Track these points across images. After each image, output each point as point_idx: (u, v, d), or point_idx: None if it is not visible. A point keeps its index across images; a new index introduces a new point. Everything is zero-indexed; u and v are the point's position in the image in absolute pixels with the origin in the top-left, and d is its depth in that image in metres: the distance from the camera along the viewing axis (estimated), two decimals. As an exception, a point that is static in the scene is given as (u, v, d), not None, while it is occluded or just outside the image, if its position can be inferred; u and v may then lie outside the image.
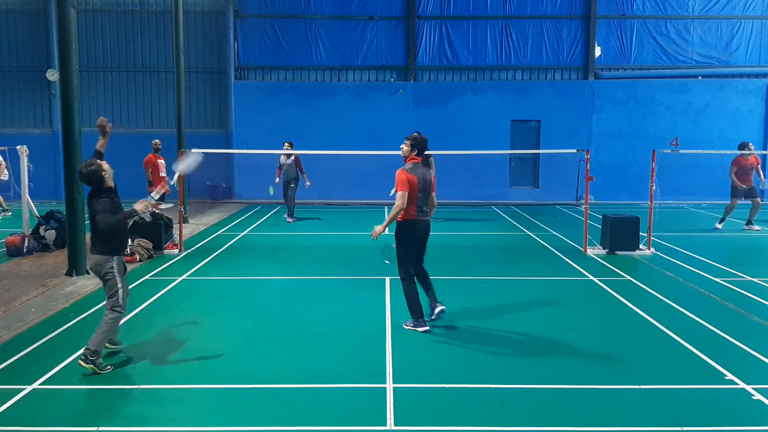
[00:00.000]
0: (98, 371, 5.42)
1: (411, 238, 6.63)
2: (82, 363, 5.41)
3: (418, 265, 6.80)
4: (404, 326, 6.82)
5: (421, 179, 6.55)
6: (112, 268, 5.58)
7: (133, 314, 7.34)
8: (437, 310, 6.70)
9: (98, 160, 5.66)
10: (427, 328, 6.70)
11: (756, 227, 13.64)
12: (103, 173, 5.55)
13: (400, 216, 6.53)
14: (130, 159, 17.49)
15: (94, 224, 5.52)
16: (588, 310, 7.66)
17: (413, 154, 6.65)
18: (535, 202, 19.18)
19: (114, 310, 5.60)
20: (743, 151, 13.49)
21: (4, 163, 15.52)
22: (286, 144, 14.81)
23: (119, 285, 5.61)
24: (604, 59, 20.29)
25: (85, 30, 19.92)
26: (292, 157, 14.99)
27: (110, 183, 5.61)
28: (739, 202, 13.84)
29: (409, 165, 6.62)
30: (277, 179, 15.14)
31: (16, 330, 6.72)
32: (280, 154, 15.13)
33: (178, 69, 14.69)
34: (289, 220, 15.38)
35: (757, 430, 4.55)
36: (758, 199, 13.77)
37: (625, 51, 20.32)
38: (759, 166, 13.98)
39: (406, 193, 6.44)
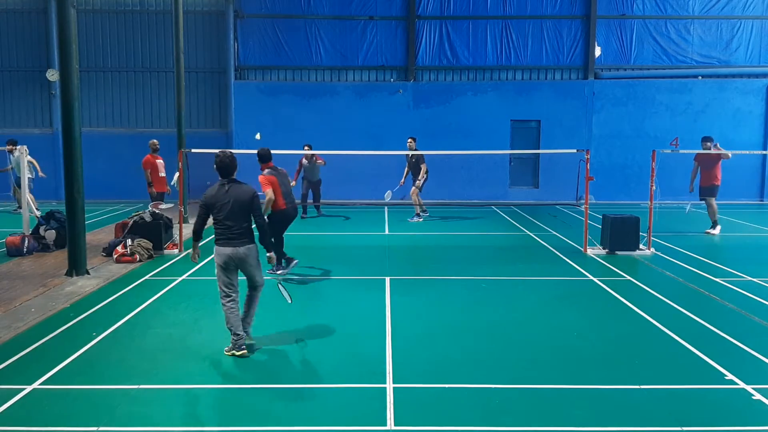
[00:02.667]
0: (235, 353, 5.96)
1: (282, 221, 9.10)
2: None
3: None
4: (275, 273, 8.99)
5: (281, 178, 9.00)
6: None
7: (133, 314, 7.36)
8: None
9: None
10: (296, 261, 9.44)
11: (713, 231, 13.22)
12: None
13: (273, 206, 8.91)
14: (130, 159, 17.52)
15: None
16: (588, 310, 7.66)
17: (262, 164, 9.12)
18: (535, 202, 19.16)
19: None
20: (716, 151, 13.02)
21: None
22: (305, 147, 15.29)
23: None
24: (604, 59, 20.27)
25: (85, 30, 19.90)
26: (313, 158, 15.52)
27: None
28: (714, 201, 13.30)
29: (266, 170, 8.96)
30: (294, 182, 15.00)
31: (16, 330, 6.72)
32: (301, 156, 15.50)
33: (178, 69, 14.68)
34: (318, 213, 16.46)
35: (757, 430, 4.56)
36: (712, 199, 13.24)
37: (625, 51, 20.30)
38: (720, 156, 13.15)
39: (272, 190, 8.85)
